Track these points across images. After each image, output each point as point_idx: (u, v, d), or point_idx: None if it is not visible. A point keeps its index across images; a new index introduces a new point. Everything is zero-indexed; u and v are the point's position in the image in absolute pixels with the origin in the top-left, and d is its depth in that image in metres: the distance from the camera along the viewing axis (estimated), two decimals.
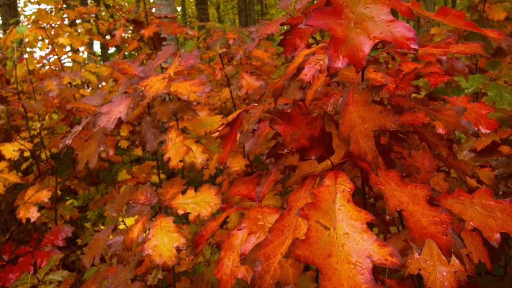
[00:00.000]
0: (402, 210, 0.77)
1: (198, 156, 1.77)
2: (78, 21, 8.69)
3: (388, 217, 0.77)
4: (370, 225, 0.72)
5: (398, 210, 0.77)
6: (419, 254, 0.76)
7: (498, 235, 0.82)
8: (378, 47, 1.43)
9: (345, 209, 0.73)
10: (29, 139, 3.53)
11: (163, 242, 1.30)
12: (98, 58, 14.78)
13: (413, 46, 0.68)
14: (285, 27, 1.51)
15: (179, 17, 20.50)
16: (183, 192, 1.48)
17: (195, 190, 1.47)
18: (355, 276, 0.61)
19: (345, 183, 0.79)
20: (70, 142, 1.60)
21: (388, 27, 0.70)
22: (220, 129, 1.27)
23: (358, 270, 0.62)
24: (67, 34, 4.28)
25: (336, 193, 0.77)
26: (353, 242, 0.67)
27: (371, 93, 0.83)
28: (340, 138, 0.86)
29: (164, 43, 3.18)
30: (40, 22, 4.07)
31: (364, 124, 0.81)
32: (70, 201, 3.75)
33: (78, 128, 1.64)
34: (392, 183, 0.84)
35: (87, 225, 3.67)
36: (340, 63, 0.69)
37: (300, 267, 0.74)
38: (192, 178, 4.25)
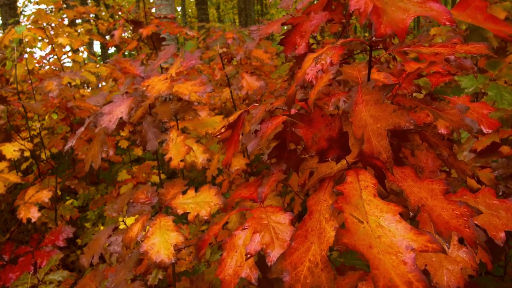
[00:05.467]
0: (423, 205, 0.77)
1: (199, 156, 1.77)
2: (78, 21, 8.69)
3: (411, 213, 0.77)
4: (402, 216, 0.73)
5: (419, 205, 0.77)
6: (448, 248, 0.77)
7: (503, 234, 0.83)
8: (379, 47, 1.43)
9: (373, 203, 0.74)
10: (29, 139, 3.53)
11: (161, 240, 1.30)
12: (98, 58, 14.77)
13: (451, 19, 0.70)
14: (285, 27, 1.51)
15: (179, 17, 20.51)
16: (184, 192, 1.48)
17: (196, 190, 1.47)
18: (399, 265, 0.62)
19: (367, 179, 0.79)
20: (74, 143, 1.60)
21: (421, 7, 0.72)
22: (222, 131, 1.27)
23: (400, 260, 0.63)
24: (67, 34, 4.28)
25: (361, 189, 0.77)
26: (388, 233, 0.67)
27: (383, 92, 0.83)
28: (354, 137, 0.86)
29: (163, 43, 3.18)
30: (39, 22, 4.06)
31: (376, 123, 0.81)
32: (70, 201, 3.75)
33: (82, 129, 1.64)
34: (408, 179, 0.84)
35: (87, 225, 3.67)
36: (384, 31, 0.70)
37: (333, 271, 0.73)
38: (193, 178, 4.25)
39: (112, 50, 14.38)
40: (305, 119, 0.86)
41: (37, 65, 4.53)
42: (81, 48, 5.12)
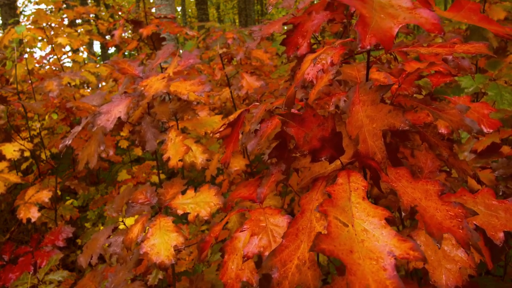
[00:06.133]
0: (416, 206, 0.77)
1: (198, 156, 1.77)
2: (78, 21, 8.68)
3: (403, 214, 0.77)
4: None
5: (412, 206, 0.77)
6: (439, 248, 0.77)
7: (501, 234, 0.83)
8: (380, 47, 1.43)
9: (361, 206, 0.74)
10: (29, 139, 3.52)
11: (161, 241, 1.30)
12: (98, 58, 14.77)
13: (439, 28, 0.69)
14: (286, 27, 1.51)
15: (179, 17, 20.51)
16: (183, 192, 1.48)
17: (195, 190, 1.47)
18: (378, 271, 0.62)
19: (358, 181, 0.79)
20: (70, 142, 1.60)
21: (410, 13, 0.72)
22: (221, 129, 1.26)
23: (380, 266, 0.62)
24: (67, 34, 4.28)
25: (351, 191, 0.77)
26: (372, 238, 0.67)
27: (379, 93, 0.83)
28: (349, 138, 0.86)
29: (163, 43, 3.18)
30: (39, 22, 4.06)
31: (372, 124, 0.81)
32: (70, 201, 3.74)
33: (78, 128, 1.64)
34: (403, 180, 0.84)
35: (87, 225, 3.66)
36: (368, 42, 0.69)
37: (319, 270, 0.73)
38: (192, 178, 4.25)
39: (112, 50, 14.38)
40: (297, 118, 0.86)
41: (37, 65, 4.53)
42: (81, 48, 5.12)
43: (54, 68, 4.81)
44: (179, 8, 22.02)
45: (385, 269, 0.62)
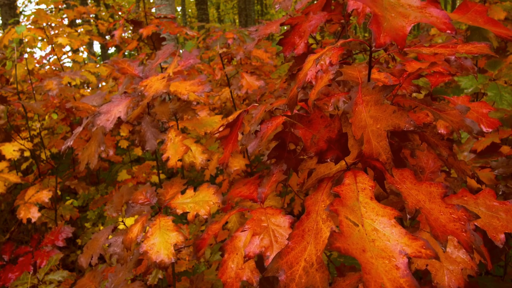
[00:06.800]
0: (421, 208, 0.77)
1: (197, 156, 1.77)
2: (78, 21, 8.68)
3: (408, 216, 0.77)
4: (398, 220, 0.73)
5: (417, 208, 0.77)
6: (444, 251, 0.77)
7: (502, 236, 0.83)
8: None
9: (369, 206, 0.74)
10: (29, 139, 3.52)
11: (161, 241, 1.30)
12: (98, 58, 14.76)
13: (451, 27, 0.70)
14: (285, 28, 1.51)
15: (179, 17, 20.51)
16: (183, 192, 1.48)
17: (195, 190, 1.47)
18: (391, 270, 0.62)
19: (365, 181, 0.79)
20: (71, 143, 1.60)
21: (421, 13, 0.72)
22: (220, 129, 1.26)
23: (393, 265, 0.62)
24: (67, 34, 4.28)
25: (358, 191, 0.77)
26: (383, 237, 0.67)
27: (383, 93, 0.83)
28: (353, 138, 0.86)
29: (163, 43, 3.18)
30: (39, 22, 4.06)
31: (376, 124, 0.81)
32: (70, 201, 3.74)
33: (80, 129, 1.64)
34: (407, 181, 0.84)
35: (87, 225, 3.66)
36: (383, 40, 0.69)
37: (327, 271, 0.73)
38: (193, 178, 4.25)
39: (112, 50, 14.38)
40: (305, 120, 0.85)
41: (37, 65, 4.53)
42: (81, 48, 5.12)
43: (54, 68, 4.81)
44: (179, 8, 22.03)
45: (398, 268, 0.62)
